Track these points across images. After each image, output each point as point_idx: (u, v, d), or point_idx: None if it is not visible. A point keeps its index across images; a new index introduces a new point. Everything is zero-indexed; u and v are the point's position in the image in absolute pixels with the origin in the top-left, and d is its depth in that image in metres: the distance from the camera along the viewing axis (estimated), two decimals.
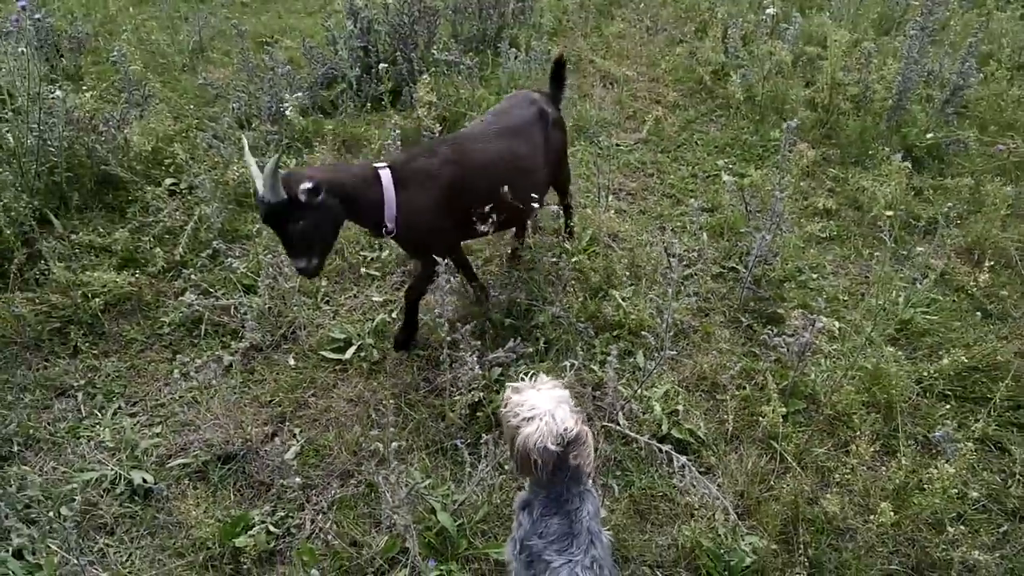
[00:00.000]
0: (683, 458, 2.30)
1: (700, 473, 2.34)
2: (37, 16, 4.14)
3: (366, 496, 2.32)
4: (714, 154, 4.21)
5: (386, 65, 4.22)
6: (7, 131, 3.28)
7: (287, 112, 3.90)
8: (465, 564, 2.12)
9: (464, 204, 2.62)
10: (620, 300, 3.00)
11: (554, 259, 3.14)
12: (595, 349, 2.82)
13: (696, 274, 3.20)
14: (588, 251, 3.30)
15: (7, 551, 2.09)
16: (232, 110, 4.11)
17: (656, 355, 2.57)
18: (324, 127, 4.08)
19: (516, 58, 4.60)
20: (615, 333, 2.91)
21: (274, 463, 2.39)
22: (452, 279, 2.51)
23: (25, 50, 3.16)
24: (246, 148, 2.44)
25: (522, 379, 1.84)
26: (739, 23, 5.05)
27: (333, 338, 2.88)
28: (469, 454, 2.28)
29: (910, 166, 3.68)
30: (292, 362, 2.82)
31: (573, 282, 3.06)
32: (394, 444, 1.97)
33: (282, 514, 2.25)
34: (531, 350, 2.78)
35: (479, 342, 2.60)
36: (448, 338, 2.47)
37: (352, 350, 2.83)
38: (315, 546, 2.16)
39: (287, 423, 2.57)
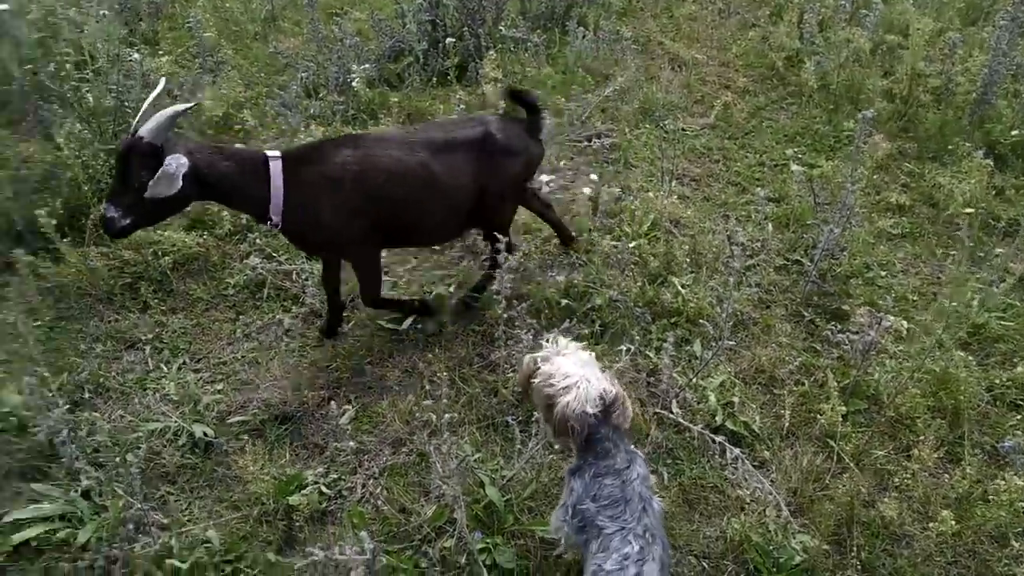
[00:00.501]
0: (736, 450, 2.27)
1: (753, 467, 2.31)
2: None
3: (416, 465, 2.36)
4: (783, 143, 4.10)
5: (453, 40, 4.21)
6: (87, 91, 3.38)
7: (354, 83, 3.93)
8: (510, 539, 2.14)
9: (375, 212, 2.48)
10: (679, 287, 2.96)
11: (614, 242, 3.11)
12: (651, 335, 2.79)
13: (759, 265, 3.13)
14: (649, 236, 3.26)
15: (76, 491, 2.18)
16: (300, 79, 4.15)
17: (714, 345, 2.54)
18: (389, 99, 4.10)
19: (584, 37, 4.54)
20: (672, 320, 2.87)
21: (329, 427, 2.44)
22: (510, 257, 2.50)
23: (107, 13, 3.25)
24: (160, 87, 2.34)
25: (545, 345, 1.87)
26: (816, 8, 4.88)
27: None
28: (520, 431, 2.29)
29: (992, 164, 3.52)
30: (348, 328, 2.86)
31: (632, 266, 3.03)
32: (447, 416, 1.99)
33: (334, 476, 2.30)
34: (586, 332, 2.76)
35: (535, 321, 2.60)
36: (504, 315, 2.48)
37: (408, 321, 2.86)
38: (365, 510, 2.20)
39: (342, 389, 2.62)
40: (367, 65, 4.06)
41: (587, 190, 3.53)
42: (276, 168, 2.35)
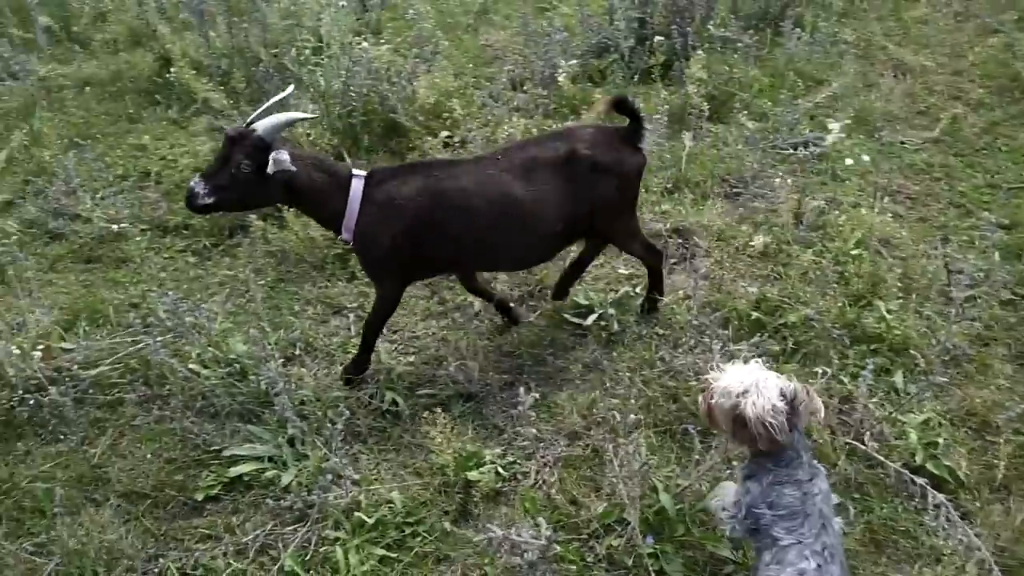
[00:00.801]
0: (940, 496, 2.08)
1: (958, 517, 2.11)
2: None
3: (590, 460, 2.38)
4: (1021, 163, 3.68)
5: (661, 38, 4.16)
6: (320, 75, 3.70)
7: (559, 78, 4.00)
8: (679, 548, 2.10)
9: (428, 248, 2.43)
10: (885, 312, 2.75)
11: (814, 258, 2.96)
12: (848, 360, 2.62)
13: (981, 297, 2.84)
14: (854, 254, 3.05)
15: (283, 438, 2.41)
16: (507, 72, 4.29)
17: (921, 379, 2.35)
18: (592, 95, 4.14)
19: (799, 39, 4.33)
20: (873, 347, 2.68)
21: (510, 410, 2.53)
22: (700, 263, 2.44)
23: (345, 3, 3.53)
24: (288, 91, 2.48)
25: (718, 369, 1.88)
26: None
27: (576, 303, 2.94)
28: (699, 441, 2.25)
29: None
30: (534, 319, 2.93)
31: (833, 285, 2.86)
32: (632, 417, 1.99)
33: (511, 459, 2.38)
34: (777, 349, 2.65)
35: (725, 331, 2.54)
36: (694, 322, 2.43)
37: (593, 317, 2.88)
38: (538, 496, 2.26)
39: (524, 375, 2.70)
40: (573, 61, 4.11)
41: (789, 200, 3.37)
42: (357, 186, 2.38)
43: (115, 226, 3.35)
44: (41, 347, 2.65)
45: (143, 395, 2.62)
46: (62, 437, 2.44)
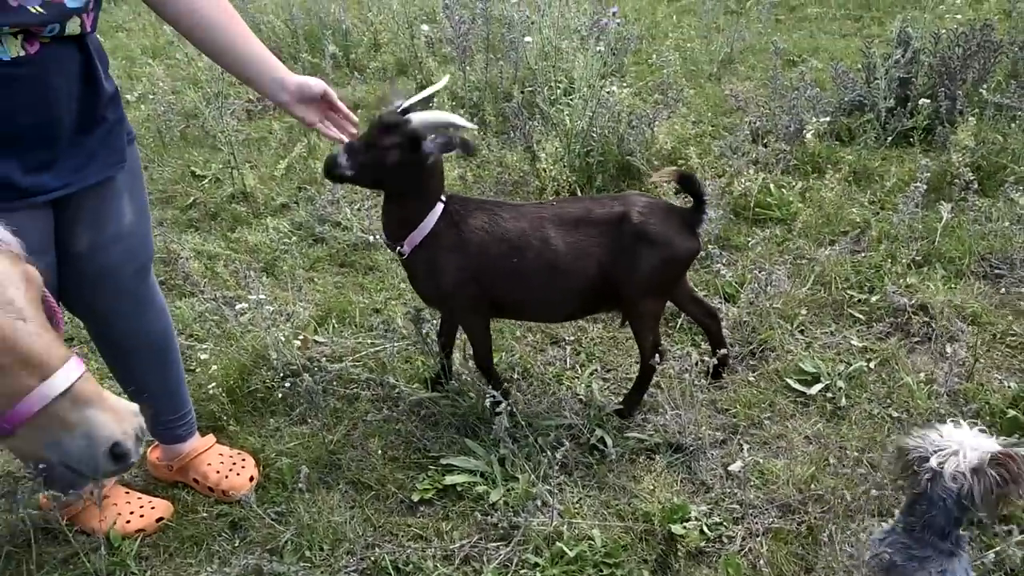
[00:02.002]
0: None
1: None
2: (617, 21, 4.77)
3: (803, 537, 2.25)
4: None
5: (926, 100, 3.89)
6: (567, 114, 3.87)
7: (807, 135, 3.87)
8: None
9: (491, 282, 2.43)
10: None
11: None
12: None
13: None
14: None
15: (495, 456, 2.53)
16: (748, 123, 4.23)
17: None
18: (837, 154, 3.96)
19: None
20: None
21: (719, 469, 2.46)
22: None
23: (602, 49, 3.67)
24: (443, 82, 2.42)
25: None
26: None
27: (801, 369, 2.82)
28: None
29: None
30: (753, 379, 2.84)
31: None
32: (864, 502, 1.86)
33: (717, 519, 2.31)
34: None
35: (977, 423, 2.30)
36: (940, 410, 2.24)
37: (819, 387, 2.73)
38: (742, 563, 2.17)
39: (738, 436, 2.62)
40: (825, 118, 3.96)
41: None
42: (438, 209, 2.39)
43: (369, 236, 3.72)
44: (300, 337, 3.00)
45: (376, 394, 2.87)
46: (307, 421, 2.73)
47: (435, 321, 2.85)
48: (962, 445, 1.61)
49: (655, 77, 4.93)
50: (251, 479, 2.52)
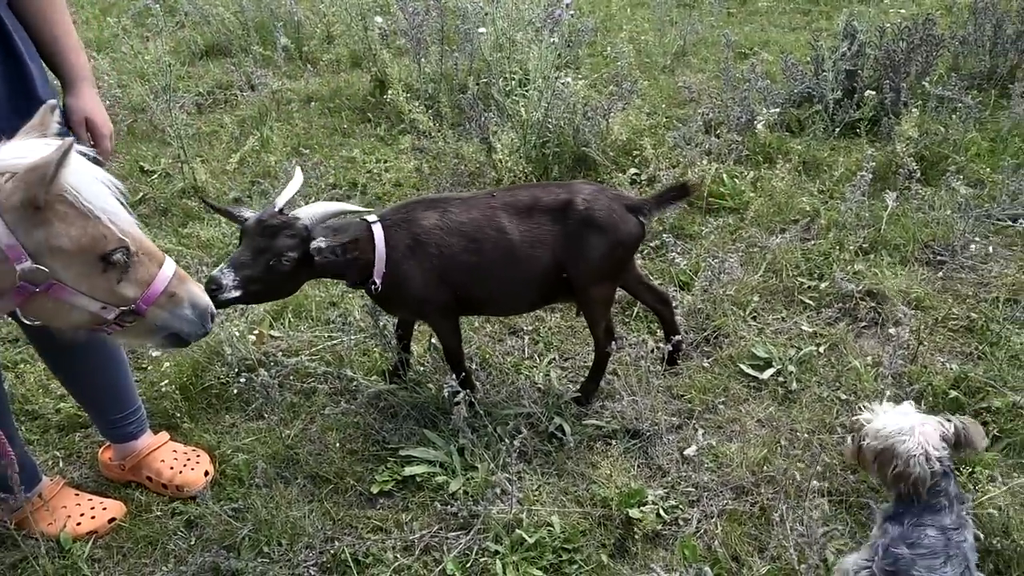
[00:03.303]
0: None
1: None
2: (571, 13, 4.79)
3: (756, 518, 2.31)
4: None
5: (871, 92, 3.99)
6: (523, 106, 3.88)
7: (758, 125, 3.94)
8: None
9: (455, 279, 2.43)
10: None
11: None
12: None
13: None
14: None
15: (454, 446, 2.54)
16: (701, 115, 4.28)
17: None
18: (787, 145, 4.04)
19: None
20: None
21: (675, 454, 2.51)
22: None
23: (556, 41, 3.69)
24: (298, 179, 2.38)
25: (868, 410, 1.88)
26: None
27: (754, 354, 2.88)
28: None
29: None
30: (708, 364, 2.89)
31: None
32: (815, 483, 1.92)
33: (673, 503, 2.35)
34: None
35: (917, 405, 2.38)
36: (885, 392, 2.31)
37: (771, 372, 2.80)
38: (698, 545, 2.22)
39: (693, 421, 2.66)
40: (775, 109, 4.04)
41: (1003, 275, 3.12)
42: (379, 232, 2.37)
43: None
44: (255, 332, 2.96)
45: (334, 388, 2.85)
46: (264, 416, 2.70)
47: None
48: (912, 426, 1.74)
49: (610, 69, 4.96)
50: (206, 474, 2.49)
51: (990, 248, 3.27)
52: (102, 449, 2.56)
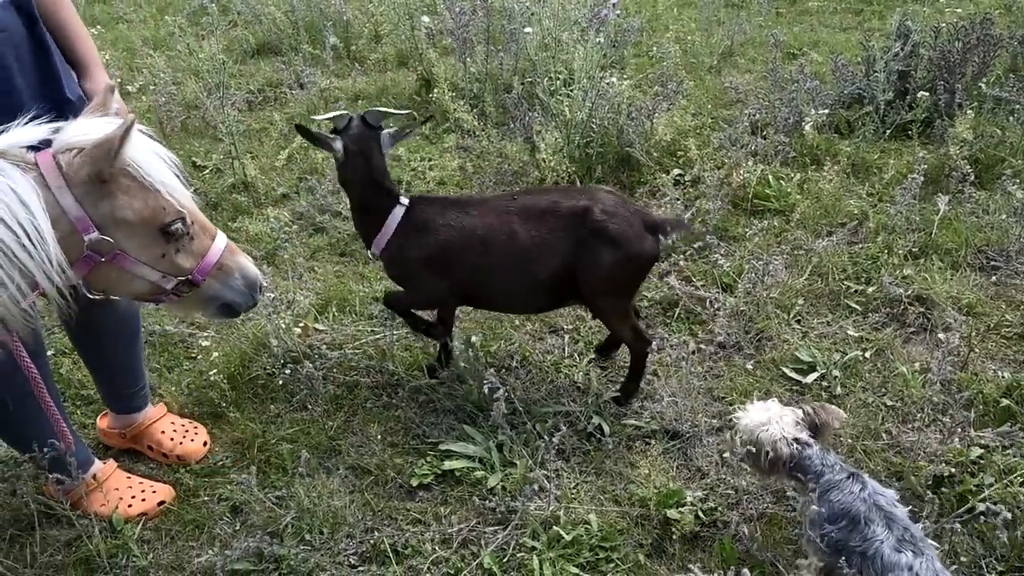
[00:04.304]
0: None
1: None
2: (617, 13, 4.78)
3: (796, 523, 2.28)
4: None
5: (925, 93, 3.91)
6: (567, 105, 3.88)
7: (806, 127, 3.88)
8: None
9: (458, 276, 2.52)
10: None
11: None
12: None
13: None
14: None
15: (493, 442, 2.56)
16: (748, 115, 4.23)
17: None
18: (836, 147, 3.97)
19: None
20: None
21: (715, 455, 2.49)
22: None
23: (600, 41, 3.68)
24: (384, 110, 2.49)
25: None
26: None
27: (798, 358, 2.84)
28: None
29: None
30: (750, 367, 2.87)
31: None
32: None
33: (712, 505, 2.33)
34: None
35: (967, 414, 2.33)
36: (934, 398, 2.26)
37: (814, 376, 2.76)
38: (736, 548, 2.20)
39: (734, 423, 2.64)
40: (824, 110, 3.97)
41: None
42: (398, 212, 2.49)
43: None
44: (300, 325, 3.02)
45: (376, 381, 2.89)
46: (308, 407, 2.76)
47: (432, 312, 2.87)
48: (769, 417, 1.99)
49: (655, 69, 4.93)
50: (204, 444, 2.63)
51: None
52: (100, 417, 2.69)
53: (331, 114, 2.44)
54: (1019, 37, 4.53)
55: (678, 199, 3.71)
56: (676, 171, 3.94)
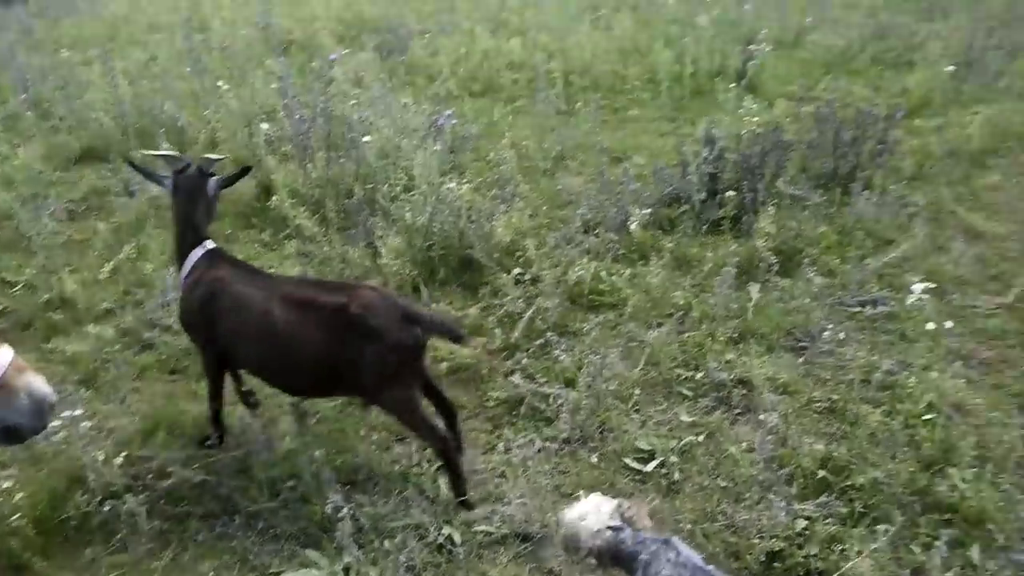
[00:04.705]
0: None
1: None
2: (453, 122, 4.98)
3: None
4: None
5: (732, 192, 4.32)
6: (408, 210, 3.95)
7: (631, 225, 4.16)
8: None
9: (218, 330, 2.70)
10: (959, 481, 2.66)
11: (883, 418, 2.91)
12: (920, 529, 2.53)
13: None
14: (925, 418, 2.99)
15: (339, 565, 2.43)
16: (580, 216, 4.49)
17: (999, 555, 2.24)
18: (660, 243, 4.28)
19: (868, 200, 4.43)
20: (946, 517, 2.58)
21: (564, 556, 2.49)
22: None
23: (438, 148, 3.82)
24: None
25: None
26: None
27: (638, 447, 2.95)
28: None
29: None
30: (595, 460, 2.93)
31: (904, 448, 2.79)
32: None
33: None
34: (844, 511, 2.58)
35: (789, 488, 2.50)
36: (759, 476, 2.41)
37: (654, 464, 2.87)
38: None
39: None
40: (647, 210, 4.28)
41: (857, 358, 3.36)
42: (197, 254, 2.79)
43: None
44: (124, 454, 2.78)
45: (208, 510, 2.70)
46: (128, 548, 2.51)
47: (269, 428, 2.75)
48: (588, 511, 2.08)
49: (493, 173, 5.14)
50: None
51: (843, 333, 3.52)
52: None
53: (162, 152, 2.71)
54: (807, 142, 5.14)
55: (519, 298, 3.82)
56: (516, 271, 4.07)
